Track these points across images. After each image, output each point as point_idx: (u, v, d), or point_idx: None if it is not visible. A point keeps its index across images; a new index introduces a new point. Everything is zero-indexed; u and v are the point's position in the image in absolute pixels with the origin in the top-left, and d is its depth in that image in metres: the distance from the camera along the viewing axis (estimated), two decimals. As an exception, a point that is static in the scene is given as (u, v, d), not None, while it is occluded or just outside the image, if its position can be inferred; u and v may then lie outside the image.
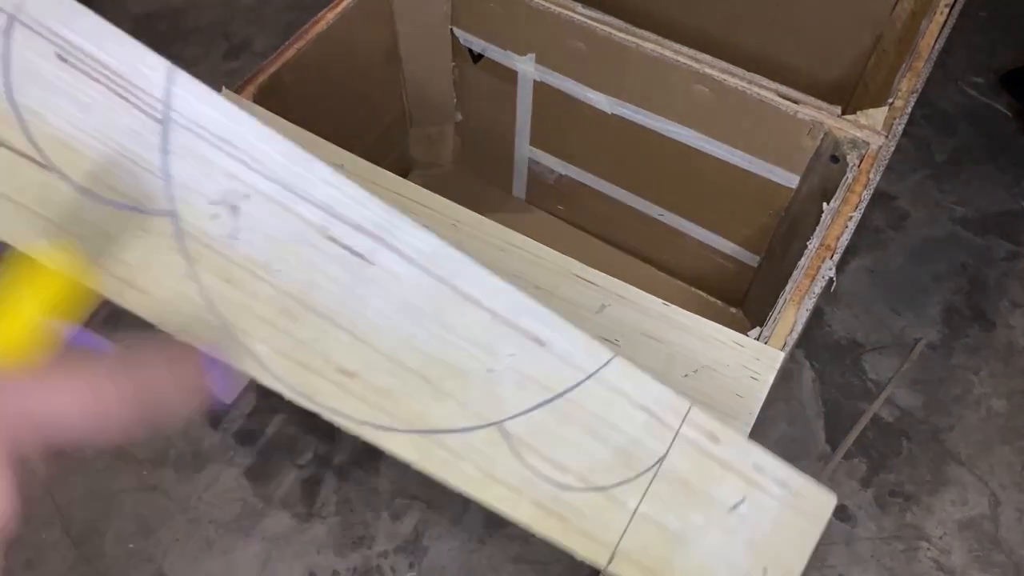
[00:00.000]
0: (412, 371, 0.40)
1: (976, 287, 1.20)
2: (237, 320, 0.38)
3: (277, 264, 0.39)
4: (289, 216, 0.40)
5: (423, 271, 0.41)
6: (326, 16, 0.88)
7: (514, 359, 0.41)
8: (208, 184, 0.39)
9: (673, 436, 0.43)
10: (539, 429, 0.41)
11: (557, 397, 0.41)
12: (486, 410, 0.41)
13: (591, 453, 0.42)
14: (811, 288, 0.68)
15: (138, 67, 0.40)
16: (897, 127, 0.79)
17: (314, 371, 0.39)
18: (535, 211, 1.20)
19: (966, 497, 1.01)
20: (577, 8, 0.90)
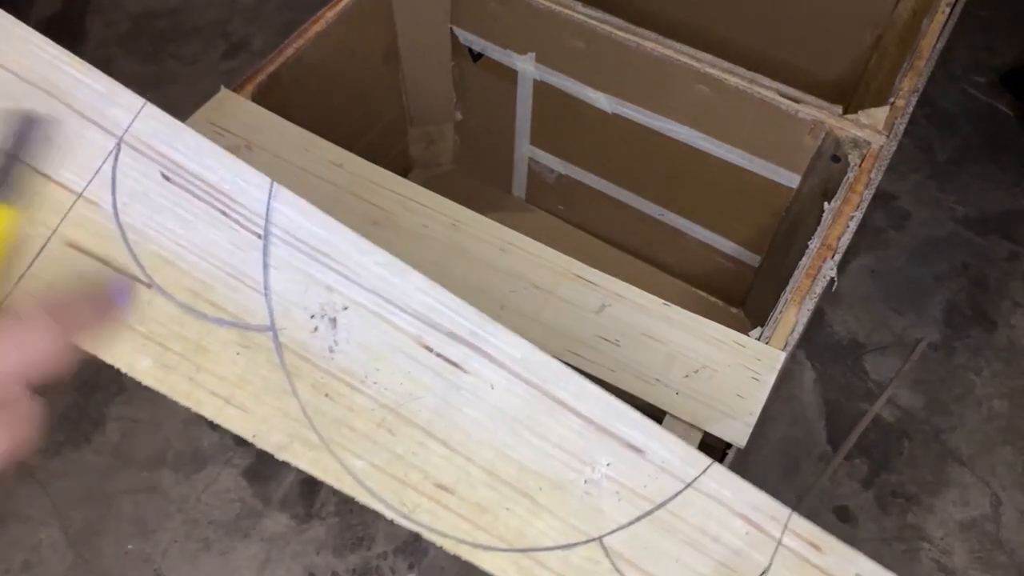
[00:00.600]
0: (508, 484, 0.39)
1: (977, 287, 1.20)
2: (335, 435, 0.38)
3: (374, 376, 0.39)
4: (386, 326, 0.40)
5: (516, 377, 0.40)
6: (325, 15, 0.87)
7: (611, 468, 0.40)
8: (307, 297, 0.39)
9: (775, 547, 0.41)
10: (640, 544, 0.39)
11: (657, 508, 0.40)
12: (585, 525, 0.39)
13: (694, 568, 0.40)
14: (812, 288, 0.68)
15: (239, 183, 0.41)
16: (898, 127, 0.79)
17: (411, 486, 0.39)
18: (535, 211, 1.20)
19: (967, 498, 1.01)
20: (577, 7, 0.89)
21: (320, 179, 0.72)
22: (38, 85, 0.39)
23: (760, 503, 0.42)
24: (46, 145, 0.37)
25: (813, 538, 0.42)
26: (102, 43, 1.45)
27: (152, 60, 1.43)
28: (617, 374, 0.62)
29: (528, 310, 0.65)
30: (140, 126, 0.40)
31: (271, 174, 0.76)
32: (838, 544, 0.42)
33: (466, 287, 0.66)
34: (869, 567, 0.42)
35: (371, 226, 0.69)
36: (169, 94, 1.38)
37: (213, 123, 0.75)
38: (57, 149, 0.38)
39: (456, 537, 0.39)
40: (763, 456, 1.03)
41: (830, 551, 0.42)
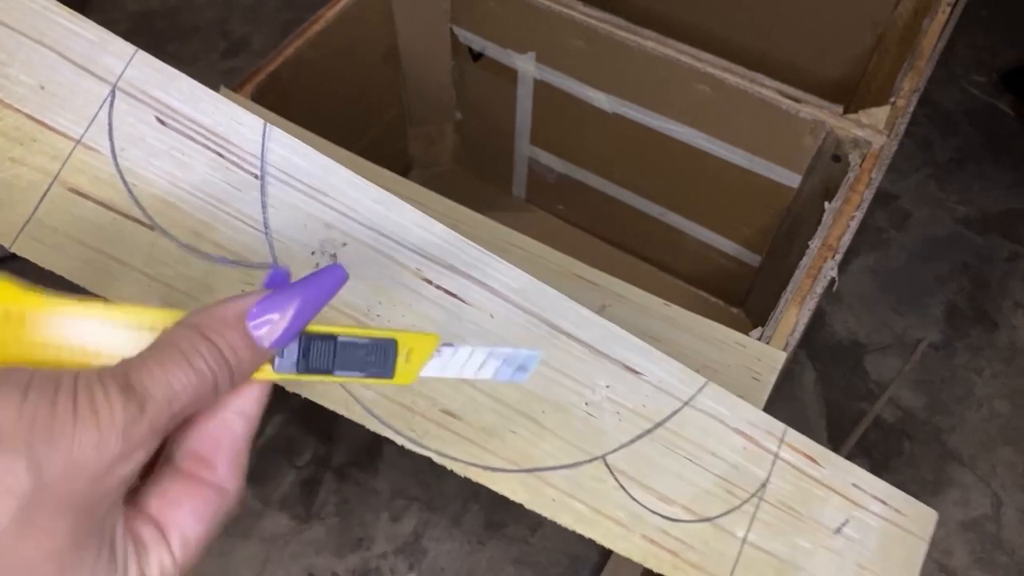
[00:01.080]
0: (513, 408, 0.41)
1: (978, 287, 1.20)
2: None
3: (377, 309, 0.40)
4: (385, 260, 0.41)
5: (515, 307, 0.42)
6: (325, 14, 0.87)
7: (611, 390, 0.42)
8: (307, 234, 0.40)
9: (773, 460, 0.43)
10: (642, 461, 0.41)
11: (657, 427, 0.42)
12: (589, 444, 0.41)
13: (695, 483, 0.41)
14: (813, 288, 0.68)
15: (234, 125, 0.42)
16: (899, 126, 0.78)
17: (419, 413, 0.40)
18: (535, 211, 1.20)
19: (968, 498, 1.00)
20: (578, 6, 0.89)
21: (319, 179, 0.72)
22: (30, 36, 0.40)
23: (756, 419, 0.43)
24: None
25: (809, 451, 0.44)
26: (102, 43, 1.45)
27: (152, 60, 1.43)
28: (617, 374, 0.62)
29: (528, 310, 0.65)
30: (133, 72, 0.41)
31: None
32: (834, 456, 0.44)
33: (466, 287, 0.66)
34: (866, 477, 0.44)
35: (371, 226, 0.69)
36: (169, 94, 1.38)
37: (212, 123, 0.75)
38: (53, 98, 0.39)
39: (465, 460, 0.40)
40: (763, 456, 1.02)
41: (826, 463, 0.44)
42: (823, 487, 0.44)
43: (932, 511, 0.45)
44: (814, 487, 0.44)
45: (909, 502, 0.45)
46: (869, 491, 0.44)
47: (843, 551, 0.43)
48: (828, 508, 0.43)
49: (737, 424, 0.43)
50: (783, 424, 0.44)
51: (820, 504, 0.43)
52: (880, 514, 0.44)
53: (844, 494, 0.44)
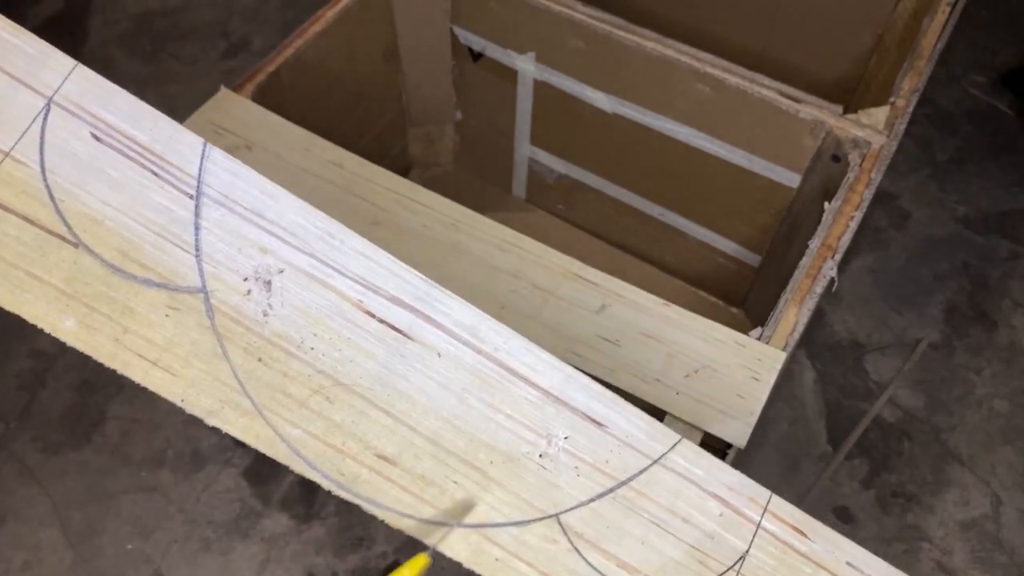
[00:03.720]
0: (456, 455, 0.38)
1: (978, 287, 1.20)
2: (269, 402, 0.37)
3: (311, 341, 0.38)
4: (324, 290, 0.39)
5: (465, 345, 0.39)
6: (325, 15, 0.87)
7: (570, 442, 0.38)
8: (241, 259, 0.39)
9: (754, 530, 0.39)
10: (601, 523, 0.37)
11: (620, 485, 0.38)
12: (541, 500, 0.37)
13: (662, 551, 0.38)
14: (812, 288, 0.68)
15: (173, 144, 0.40)
16: (899, 126, 0.79)
17: (350, 456, 0.37)
18: (535, 211, 1.20)
19: (968, 498, 1.00)
20: (577, 7, 0.89)
21: (320, 179, 0.72)
22: None
23: (736, 483, 0.40)
24: None
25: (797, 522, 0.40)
26: (102, 43, 1.45)
27: (152, 60, 1.43)
28: (617, 374, 0.62)
29: (528, 310, 0.65)
30: (71, 87, 0.40)
31: (271, 174, 0.76)
32: (824, 529, 0.40)
33: (466, 287, 0.66)
34: (860, 554, 0.40)
35: (371, 226, 0.69)
36: (169, 94, 1.38)
37: (213, 123, 0.75)
38: None
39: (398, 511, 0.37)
40: (763, 456, 1.02)
41: (816, 537, 0.40)
42: (812, 564, 0.39)
43: None
44: (802, 563, 0.39)
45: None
46: (866, 572, 0.39)
47: None
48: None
49: (713, 488, 0.39)
50: (768, 491, 0.40)
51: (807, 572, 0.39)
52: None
53: (836, 573, 0.39)
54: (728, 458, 0.59)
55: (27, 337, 1.09)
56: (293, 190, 0.72)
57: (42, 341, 1.09)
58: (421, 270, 0.66)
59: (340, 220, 0.69)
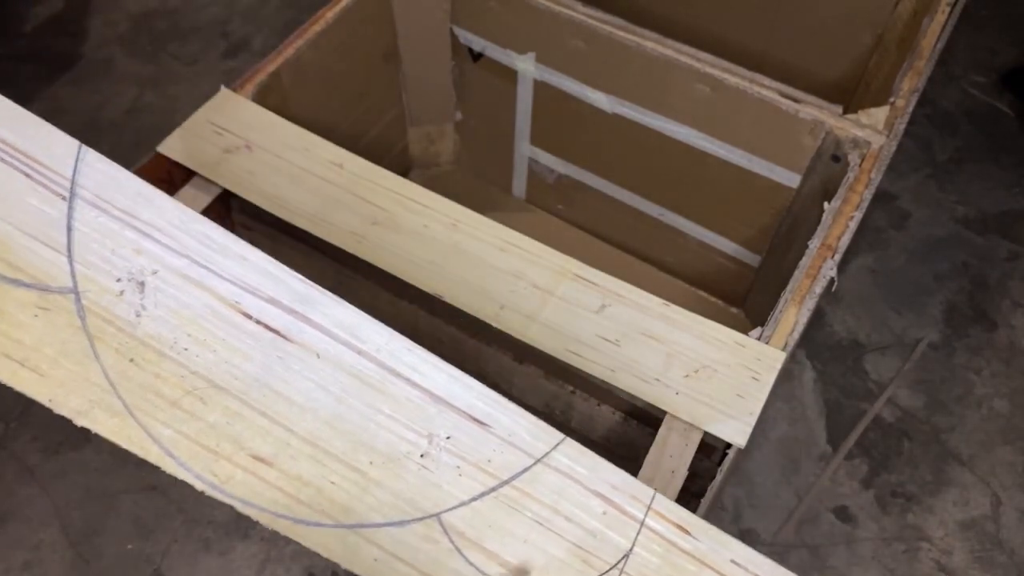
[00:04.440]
0: (334, 456, 0.37)
1: (978, 287, 1.20)
2: (141, 402, 0.37)
3: (185, 342, 0.38)
4: (199, 291, 0.39)
5: (345, 346, 0.39)
6: (325, 15, 0.87)
7: (452, 442, 0.38)
8: (115, 260, 0.38)
9: (638, 528, 0.39)
10: (483, 522, 0.37)
11: (502, 485, 0.38)
12: (421, 500, 0.37)
13: (545, 549, 0.38)
14: (812, 288, 0.68)
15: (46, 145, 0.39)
16: (898, 126, 0.79)
17: (224, 457, 0.37)
18: (535, 211, 1.20)
19: (967, 497, 1.00)
20: (577, 7, 0.89)
21: (320, 179, 0.72)
22: None
23: (620, 482, 0.40)
24: None
25: (681, 521, 0.40)
26: (102, 43, 1.45)
27: (152, 60, 1.43)
28: (617, 374, 0.62)
29: (528, 310, 0.65)
30: None
31: (272, 174, 0.76)
32: (710, 528, 0.40)
33: (466, 287, 0.66)
34: (744, 553, 0.40)
35: (371, 226, 0.69)
36: (169, 94, 1.38)
37: (213, 123, 0.75)
38: None
39: (273, 511, 0.37)
40: (763, 456, 1.02)
41: (701, 535, 0.40)
42: (696, 562, 0.39)
43: None
44: (686, 562, 0.39)
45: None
46: (751, 570, 0.39)
47: None
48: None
49: (597, 486, 0.39)
50: (652, 489, 0.40)
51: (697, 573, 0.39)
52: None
53: (721, 571, 0.39)
54: (728, 458, 0.59)
55: None
56: (294, 190, 0.72)
57: None
58: (421, 270, 0.66)
59: (340, 220, 0.70)
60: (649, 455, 0.59)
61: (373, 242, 0.68)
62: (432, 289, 0.66)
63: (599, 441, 0.73)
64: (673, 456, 0.59)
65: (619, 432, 0.71)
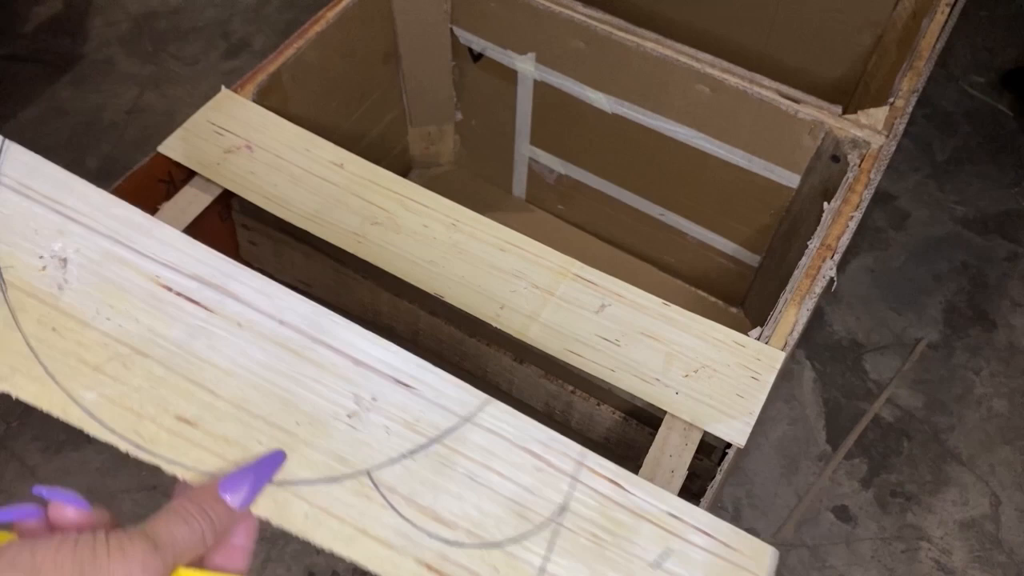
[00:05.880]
0: (261, 418, 0.38)
1: (977, 287, 1.20)
2: (63, 368, 0.37)
3: (107, 313, 0.39)
4: (121, 267, 0.40)
5: (266, 316, 0.40)
6: (325, 15, 0.88)
7: (378, 403, 0.39)
8: (37, 239, 0.40)
9: (571, 483, 0.40)
10: (415, 479, 0.38)
11: (431, 443, 0.39)
12: (352, 457, 0.38)
13: (478, 505, 0.38)
14: (812, 288, 0.68)
15: None
16: (898, 127, 0.79)
17: (148, 418, 0.37)
18: (535, 211, 1.20)
19: (967, 497, 1.01)
20: (577, 7, 0.89)
21: (320, 179, 0.72)
22: None
23: (548, 439, 0.40)
24: None
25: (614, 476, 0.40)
26: (103, 43, 1.46)
27: (153, 60, 1.43)
28: (617, 374, 0.62)
29: (528, 310, 0.65)
30: None
31: (272, 174, 0.77)
32: (647, 485, 0.40)
33: (466, 287, 0.66)
34: (684, 507, 0.40)
35: (371, 226, 0.69)
36: (170, 94, 1.38)
37: (214, 123, 0.75)
38: None
39: (200, 470, 0.37)
40: (762, 455, 1.03)
41: (635, 488, 0.40)
42: (632, 515, 0.39)
43: (769, 547, 0.40)
44: (622, 514, 0.39)
45: (740, 536, 0.40)
46: (690, 522, 0.40)
47: None
48: (641, 538, 0.39)
49: (526, 443, 0.40)
50: (580, 446, 0.40)
51: (631, 533, 0.39)
52: (705, 547, 0.39)
53: (659, 523, 0.39)
54: (727, 458, 0.59)
55: (28, 337, 1.09)
56: (294, 190, 0.72)
57: None
58: (421, 270, 0.66)
59: (340, 220, 0.70)
60: (649, 455, 0.59)
61: (373, 242, 0.68)
62: (432, 289, 0.66)
63: (599, 441, 0.73)
64: (673, 456, 0.59)
65: (619, 432, 0.71)
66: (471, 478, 0.39)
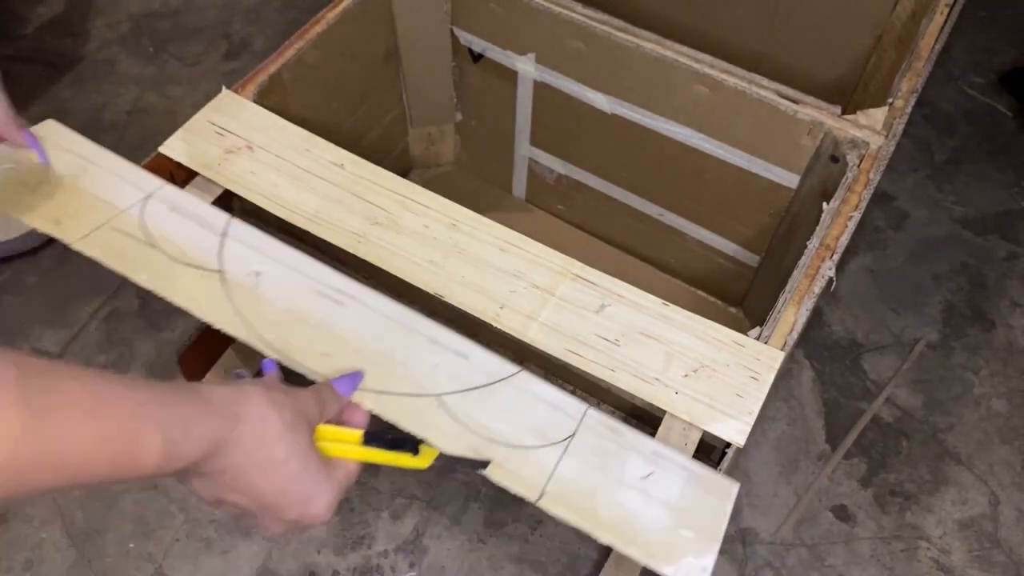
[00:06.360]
0: (369, 358, 0.59)
1: (976, 287, 1.20)
2: (256, 323, 0.60)
3: (281, 299, 0.62)
4: (293, 278, 0.63)
5: (376, 312, 0.62)
6: (326, 16, 0.88)
7: (444, 364, 0.59)
8: (245, 262, 0.64)
9: (578, 422, 0.57)
10: (467, 403, 0.57)
11: (476, 389, 0.58)
12: (427, 386, 0.58)
13: (511, 426, 0.56)
14: (811, 288, 0.69)
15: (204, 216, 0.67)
16: (897, 127, 0.79)
17: (300, 349, 0.59)
18: (535, 211, 1.20)
19: (966, 497, 1.01)
20: (577, 8, 0.90)
21: (321, 179, 0.73)
22: None
23: (564, 399, 0.58)
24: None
25: (611, 424, 0.57)
26: (103, 44, 1.46)
27: (153, 61, 1.44)
28: (616, 373, 0.62)
29: (528, 310, 0.65)
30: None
31: (273, 174, 0.77)
32: (634, 431, 0.57)
33: (466, 287, 0.66)
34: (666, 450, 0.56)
35: (371, 226, 0.70)
36: (171, 95, 1.39)
37: (214, 123, 0.75)
38: None
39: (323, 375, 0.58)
40: (762, 455, 1.03)
41: (627, 434, 0.57)
42: (625, 448, 0.56)
43: (733, 483, 0.55)
44: (616, 448, 0.56)
45: (709, 474, 0.55)
46: (670, 458, 0.56)
47: (649, 492, 0.54)
48: (631, 463, 0.55)
49: (545, 396, 0.58)
50: (587, 405, 0.58)
51: (623, 459, 0.55)
52: (682, 475, 0.55)
53: (645, 455, 0.56)
54: (727, 457, 0.60)
55: (29, 336, 1.09)
56: (294, 190, 0.73)
57: (44, 340, 1.09)
58: (421, 270, 0.66)
59: (340, 220, 0.70)
60: (648, 454, 0.59)
61: (373, 242, 0.69)
62: (432, 289, 0.66)
63: (599, 440, 0.73)
64: (672, 455, 0.59)
65: (619, 431, 0.71)
66: (506, 411, 0.57)
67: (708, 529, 0.53)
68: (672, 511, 0.53)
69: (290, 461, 0.45)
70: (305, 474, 0.46)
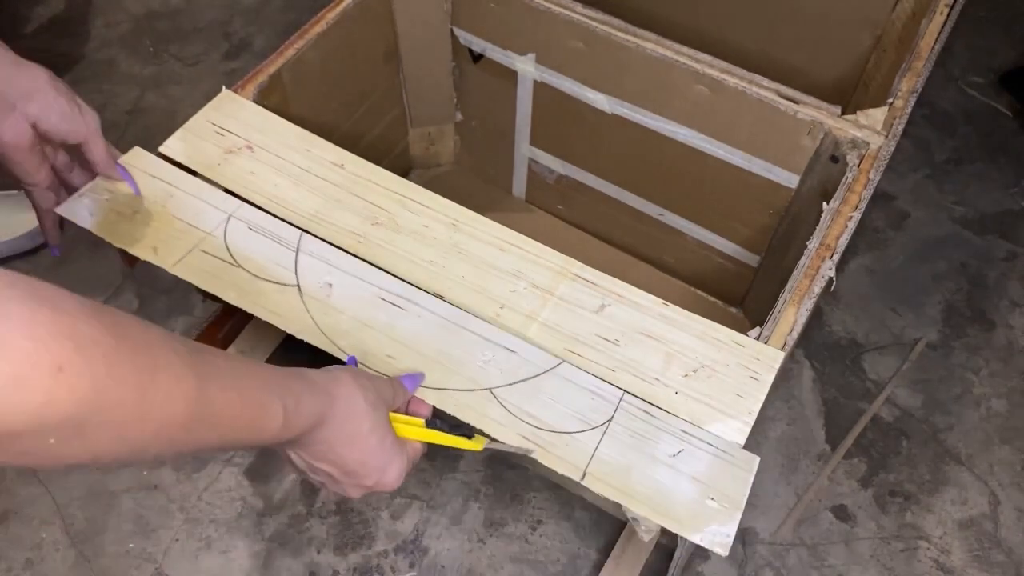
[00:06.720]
0: (429, 358, 0.63)
1: (976, 287, 1.20)
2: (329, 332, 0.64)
3: (350, 309, 0.65)
4: (359, 286, 0.67)
5: (433, 314, 0.66)
6: (326, 16, 0.88)
7: (494, 359, 0.63)
8: (317, 274, 0.67)
9: (615, 406, 0.61)
10: (516, 395, 0.61)
11: (522, 381, 0.62)
12: (481, 381, 0.62)
13: (555, 413, 0.61)
14: (811, 288, 0.69)
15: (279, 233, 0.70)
16: (897, 127, 0.79)
17: (370, 353, 0.63)
18: (535, 211, 1.20)
19: (966, 497, 1.01)
20: (577, 8, 0.90)
21: (321, 179, 0.73)
22: None
23: (602, 387, 0.62)
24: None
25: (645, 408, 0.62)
26: (103, 44, 1.46)
27: (153, 61, 1.44)
28: (616, 373, 0.62)
29: (528, 310, 0.65)
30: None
31: (273, 174, 0.77)
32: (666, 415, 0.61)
33: (466, 287, 0.66)
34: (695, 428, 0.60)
35: (371, 226, 0.70)
36: (170, 95, 1.39)
37: (214, 123, 0.75)
38: None
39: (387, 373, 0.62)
40: (762, 455, 1.02)
41: (660, 417, 0.61)
42: (658, 429, 0.60)
43: (754, 456, 0.60)
44: (650, 428, 0.60)
45: (734, 445, 0.60)
46: (698, 436, 0.60)
47: (678, 467, 0.58)
48: (662, 442, 0.60)
49: (586, 386, 0.62)
50: (622, 390, 0.62)
51: (655, 438, 0.60)
52: (709, 450, 0.59)
53: (675, 435, 0.60)
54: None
55: (29, 337, 1.09)
56: (294, 190, 0.73)
57: (44, 341, 1.09)
58: (421, 270, 0.67)
59: (340, 220, 0.70)
60: (648, 454, 0.60)
61: (373, 242, 0.69)
62: (432, 289, 0.66)
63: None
64: (672, 455, 0.60)
65: (618, 431, 0.71)
66: (550, 400, 0.61)
67: (731, 499, 0.57)
68: (699, 484, 0.58)
69: (371, 435, 0.52)
70: (382, 447, 0.53)
